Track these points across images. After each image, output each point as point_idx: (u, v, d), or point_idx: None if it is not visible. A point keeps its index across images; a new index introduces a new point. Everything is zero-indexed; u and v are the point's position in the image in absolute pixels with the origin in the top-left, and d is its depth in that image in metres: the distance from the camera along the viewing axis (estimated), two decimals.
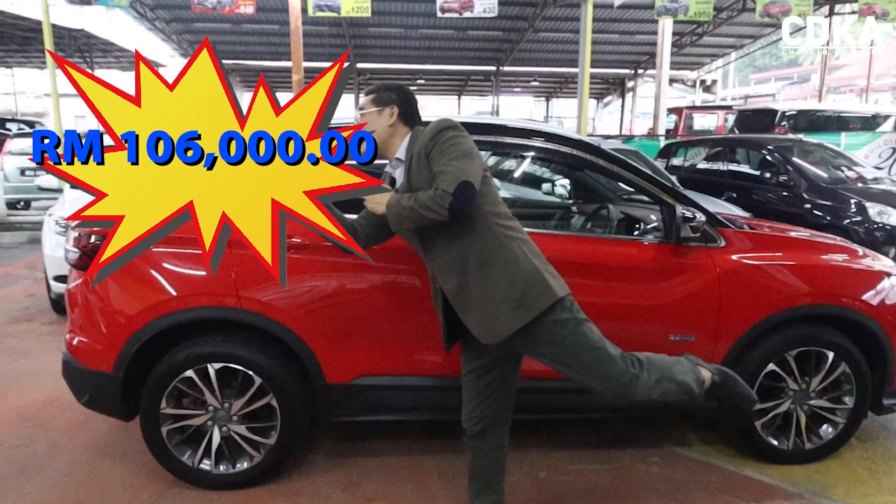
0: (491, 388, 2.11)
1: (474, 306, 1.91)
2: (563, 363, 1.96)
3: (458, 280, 1.91)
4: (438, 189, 1.79)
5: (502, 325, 1.89)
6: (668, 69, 13.48)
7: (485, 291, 1.89)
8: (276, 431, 2.52)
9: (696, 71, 24.55)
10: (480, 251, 1.90)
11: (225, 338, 2.48)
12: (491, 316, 1.90)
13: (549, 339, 1.93)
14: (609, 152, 2.70)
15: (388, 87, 2.04)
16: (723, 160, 7.63)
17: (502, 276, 1.89)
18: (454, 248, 1.91)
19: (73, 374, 2.55)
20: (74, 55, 18.50)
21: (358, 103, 2.06)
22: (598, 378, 1.96)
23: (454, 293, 1.94)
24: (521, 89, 29.93)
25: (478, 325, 1.92)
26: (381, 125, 1.99)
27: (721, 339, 2.59)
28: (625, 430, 3.05)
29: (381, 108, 2.01)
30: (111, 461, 2.80)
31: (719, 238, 2.62)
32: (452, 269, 1.92)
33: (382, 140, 1.98)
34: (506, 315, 1.88)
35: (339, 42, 19.94)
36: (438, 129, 1.90)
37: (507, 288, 1.88)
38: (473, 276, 1.90)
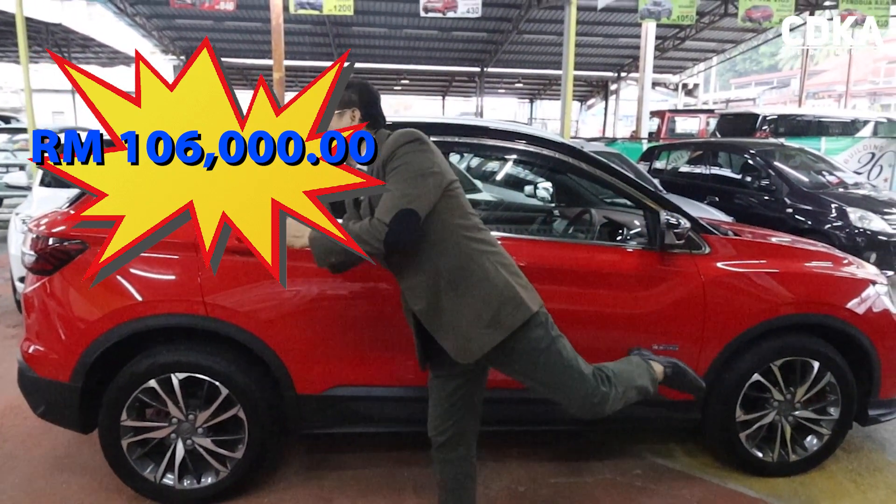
0: (457, 395, 2.01)
1: (448, 327, 1.82)
2: (535, 380, 1.88)
3: (428, 301, 1.81)
4: (374, 218, 1.71)
5: (477, 345, 1.80)
6: (650, 72, 13.54)
7: (457, 311, 1.79)
8: (244, 444, 2.40)
9: (679, 75, 24.75)
10: (451, 270, 1.79)
11: (190, 346, 2.36)
12: (465, 336, 1.80)
13: (523, 356, 1.85)
14: (592, 156, 2.63)
15: (349, 86, 1.86)
16: (705, 164, 7.64)
17: (475, 294, 1.79)
18: (423, 269, 1.80)
19: (28, 384, 2.42)
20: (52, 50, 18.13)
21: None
22: (569, 396, 1.89)
23: (426, 314, 1.84)
24: (506, 91, 29.95)
25: (452, 345, 1.83)
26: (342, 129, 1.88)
27: (705, 349, 2.52)
28: (606, 441, 2.98)
29: (341, 111, 1.86)
30: (70, 475, 2.66)
31: (704, 245, 2.56)
32: (423, 291, 1.81)
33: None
34: (480, 334, 1.79)
35: (322, 41, 19.79)
36: (397, 143, 1.77)
37: (480, 306, 1.79)
38: (445, 295, 1.79)
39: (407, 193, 1.70)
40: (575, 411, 1.92)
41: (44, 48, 16.77)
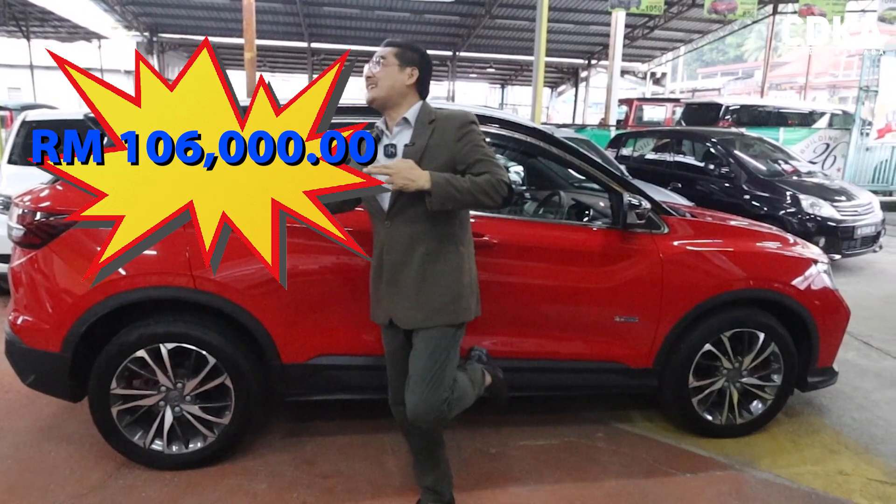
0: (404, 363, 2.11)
1: (409, 288, 1.95)
2: (423, 367, 1.97)
3: (406, 256, 1.94)
4: (497, 177, 1.83)
5: (423, 317, 1.96)
6: (619, 61, 13.77)
7: (425, 280, 1.94)
8: (231, 411, 2.52)
9: (647, 63, 25.16)
10: (438, 243, 1.95)
11: (178, 317, 2.46)
12: (418, 304, 1.95)
13: (437, 346, 1.97)
14: (562, 140, 2.79)
15: (414, 48, 1.98)
16: (670, 151, 7.90)
17: (445, 276, 1.97)
18: (419, 226, 1.92)
19: (16, 355, 2.49)
20: (9, 23, 17.49)
21: (377, 53, 1.95)
22: (431, 395, 1.96)
23: (397, 266, 1.96)
24: (477, 75, 29.98)
25: (401, 306, 1.97)
26: (398, 81, 1.93)
27: (663, 321, 2.73)
28: (571, 406, 3.18)
29: (403, 65, 1.93)
30: (57, 443, 2.74)
31: (663, 225, 2.76)
32: (408, 244, 1.94)
33: (391, 97, 1.93)
34: (431, 310, 1.95)
35: (292, 20, 19.53)
36: (469, 119, 1.93)
37: (444, 288, 1.96)
38: (422, 260, 1.94)
39: (498, 162, 1.89)
40: (422, 413, 1.97)
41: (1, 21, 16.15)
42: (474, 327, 2.60)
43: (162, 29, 21.65)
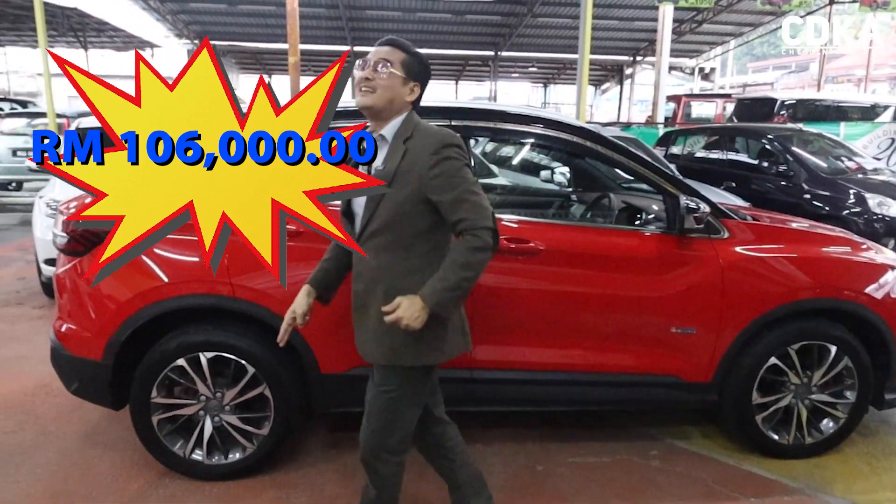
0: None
1: (371, 321, 1.78)
2: (375, 405, 1.85)
3: (370, 288, 1.77)
4: (477, 227, 1.63)
5: (383, 354, 1.78)
6: (667, 56, 13.38)
7: (378, 311, 1.74)
8: (270, 422, 2.47)
9: (695, 59, 24.44)
10: (403, 279, 1.75)
11: (217, 326, 2.42)
12: (378, 339, 1.77)
13: (389, 382, 1.81)
14: (610, 140, 2.64)
15: (422, 61, 1.80)
16: (722, 149, 7.58)
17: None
18: (384, 258, 1.75)
19: (61, 362, 2.49)
20: (68, 34, 18.26)
21: (378, 51, 1.75)
22: (373, 436, 1.86)
23: (362, 296, 1.80)
24: (519, 75, 29.75)
25: (365, 338, 1.82)
26: (399, 96, 1.74)
27: (723, 333, 2.55)
28: (622, 422, 3.02)
29: (407, 79, 1.75)
30: (101, 450, 2.75)
31: (723, 229, 2.57)
32: (372, 276, 1.77)
33: (386, 110, 1.73)
34: (390, 348, 1.76)
35: (335, 24, 19.75)
36: (447, 142, 1.70)
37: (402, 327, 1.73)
38: (385, 296, 1.73)
39: (481, 194, 1.69)
40: (365, 452, 1.89)
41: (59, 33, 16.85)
42: (522, 339, 2.49)
43: (211, 36, 22.20)
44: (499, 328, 2.47)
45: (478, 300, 2.40)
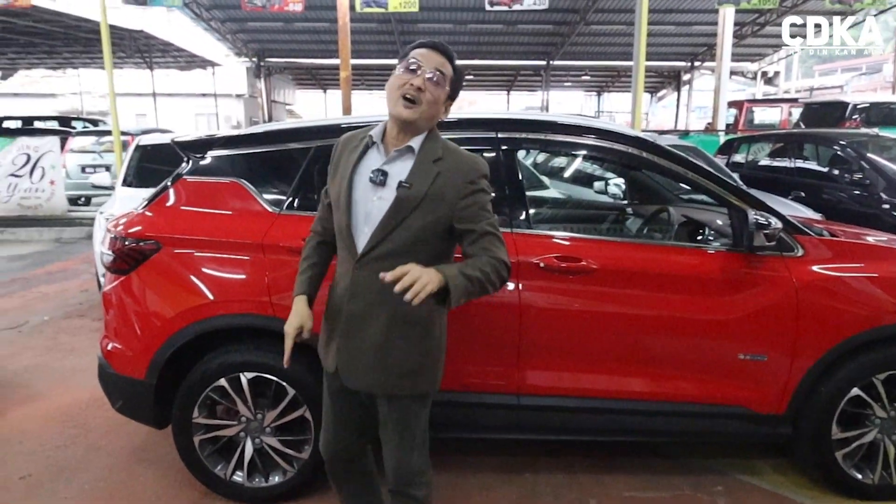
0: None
1: (369, 347, 1.63)
2: (398, 435, 1.72)
3: (371, 311, 1.61)
4: (499, 258, 1.52)
5: (384, 383, 1.65)
6: (728, 61, 12.87)
7: (388, 342, 1.62)
8: (310, 446, 2.40)
9: (757, 62, 23.50)
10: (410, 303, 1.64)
11: (258, 346, 2.37)
12: (378, 367, 1.63)
13: (403, 411, 1.70)
14: (669, 150, 2.47)
15: (462, 79, 1.64)
16: (789, 156, 7.15)
17: (411, 341, 1.64)
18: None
19: (107, 380, 2.50)
20: (135, 55, 19.12)
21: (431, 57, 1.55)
22: (410, 460, 1.73)
23: (359, 319, 1.63)
24: (572, 83, 29.36)
25: (359, 365, 1.65)
26: (438, 112, 1.60)
27: (798, 360, 2.32)
28: (683, 453, 2.81)
29: (448, 97, 1.62)
30: (146, 467, 2.74)
31: (797, 246, 2.35)
32: (376, 299, 1.59)
33: (423, 124, 1.58)
34: (393, 376, 1.64)
35: (387, 39, 19.98)
36: (483, 172, 1.60)
37: (408, 354, 1.63)
38: (389, 320, 1.61)
39: (500, 232, 1.59)
40: (404, 480, 1.74)
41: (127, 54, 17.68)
42: (573, 364, 2.34)
43: (268, 54, 22.90)
44: (548, 352, 2.33)
45: (526, 322, 2.26)
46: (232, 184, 2.44)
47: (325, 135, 2.46)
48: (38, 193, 9.14)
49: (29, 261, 7.28)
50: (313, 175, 2.42)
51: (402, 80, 1.54)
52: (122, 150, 8.13)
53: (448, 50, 1.60)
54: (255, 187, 2.43)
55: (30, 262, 7.23)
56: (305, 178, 2.42)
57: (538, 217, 3.36)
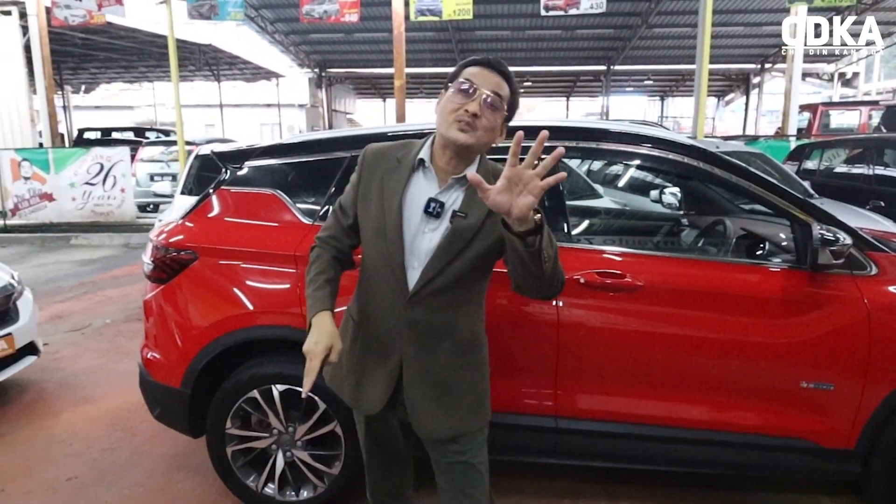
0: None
1: (431, 389, 1.50)
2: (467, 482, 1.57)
3: (429, 349, 1.48)
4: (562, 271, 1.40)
5: (451, 425, 1.51)
6: (800, 62, 12.20)
7: (451, 379, 1.51)
8: (341, 461, 2.35)
9: (834, 63, 22.22)
10: (468, 331, 1.52)
11: (290, 358, 2.34)
12: (444, 410, 1.50)
13: (470, 453, 1.56)
14: (726, 159, 2.29)
15: (518, 98, 1.49)
16: (867, 163, 6.67)
17: (473, 371, 1.54)
18: (451, 313, 1.48)
19: (146, 387, 2.53)
20: (203, 68, 19.99)
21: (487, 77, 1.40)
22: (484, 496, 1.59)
23: (416, 363, 1.49)
24: (634, 88, 28.66)
25: (421, 411, 1.51)
26: (494, 139, 1.44)
27: (870, 389, 2.09)
28: (739, 485, 2.59)
29: (504, 121, 1.46)
30: (185, 474, 2.77)
31: (869, 264, 2.12)
32: (434, 336, 1.48)
33: (478, 150, 1.44)
34: (458, 416, 1.51)
35: (445, 47, 20.05)
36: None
37: (471, 385, 1.53)
38: (449, 355, 1.49)
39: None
40: None
41: (197, 67, 18.48)
42: (616, 387, 2.19)
43: (329, 64, 23.44)
44: (589, 374, 2.19)
45: (564, 341, 2.14)
46: (267, 194, 2.43)
47: (359, 144, 2.40)
48: (110, 201, 9.63)
49: (98, 265, 7.64)
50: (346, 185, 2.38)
51: (456, 104, 1.39)
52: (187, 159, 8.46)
53: (505, 68, 1.44)
54: (289, 197, 2.41)
55: (98, 266, 7.59)
56: (339, 189, 2.38)
57: (582, 229, 3.21)
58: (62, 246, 9.03)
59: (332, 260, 1.60)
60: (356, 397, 1.60)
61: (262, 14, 17.39)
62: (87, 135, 17.23)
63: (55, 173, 9.62)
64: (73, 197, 9.68)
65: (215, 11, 9.90)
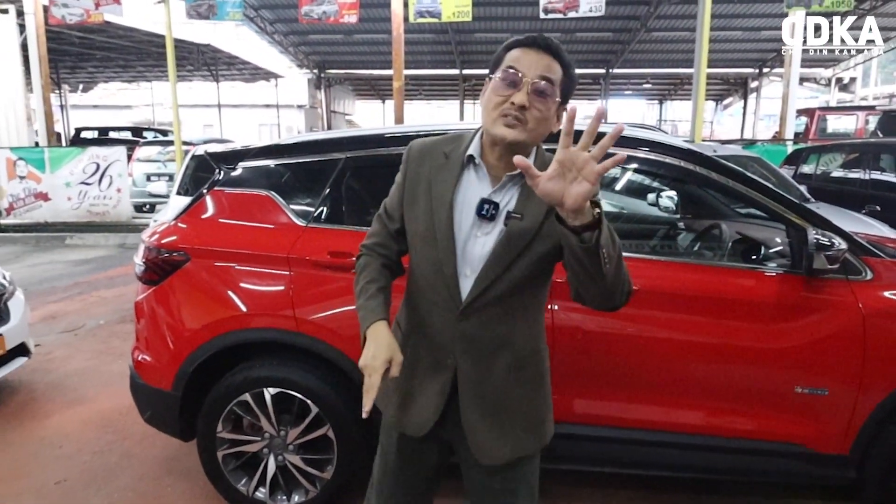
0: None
1: (488, 408, 1.35)
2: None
3: (485, 364, 1.33)
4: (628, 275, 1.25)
5: (510, 449, 1.36)
6: (798, 67, 12.21)
7: (509, 397, 1.36)
8: (333, 466, 2.33)
9: (832, 68, 22.29)
10: (526, 344, 1.37)
11: (282, 361, 2.32)
12: (501, 432, 1.35)
13: (524, 479, 1.42)
14: (722, 163, 2.27)
15: (574, 78, 1.31)
16: (863, 167, 6.68)
17: (532, 389, 1.39)
18: (509, 325, 1.33)
19: (136, 390, 2.51)
20: (202, 68, 19.97)
21: (534, 59, 1.24)
22: None
23: (471, 379, 1.34)
24: (632, 92, 28.69)
25: (477, 432, 1.35)
26: (549, 127, 1.27)
27: (865, 395, 2.08)
28: (734, 490, 2.58)
29: (561, 103, 1.28)
30: (176, 477, 2.74)
31: (864, 269, 2.11)
32: (489, 351, 1.33)
33: (532, 145, 1.29)
34: (516, 438, 1.36)
35: (445, 49, 20.08)
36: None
37: (530, 404, 1.39)
38: (507, 371, 1.35)
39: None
40: None
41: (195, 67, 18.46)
42: (605, 392, 2.18)
43: (329, 65, 23.43)
44: (583, 376, 2.18)
45: (557, 345, 2.12)
46: (261, 195, 2.41)
47: (354, 146, 2.40)
48: (106, 200, 9.59)
49: (93, 265, 7.61)
50: (341, 187, 2.37)
51: (501, 97, 1.23)
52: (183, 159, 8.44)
53: (554, 45, 1.25)
54: (283, 199, 2.39)
55: (93, 266, 7.56)
56: (334, 191, 2.37)
57: None
58: (57, 246, 9.00)
59: (382, 268, 1.43)
60: (402, 416, 1.42)
61: (261, 14, 17.38)
62: (84, 134, 17.19)
63: (51, 172, 9.59)
64: (69, 196, 9.64)
65: (213, 11, 9.88)
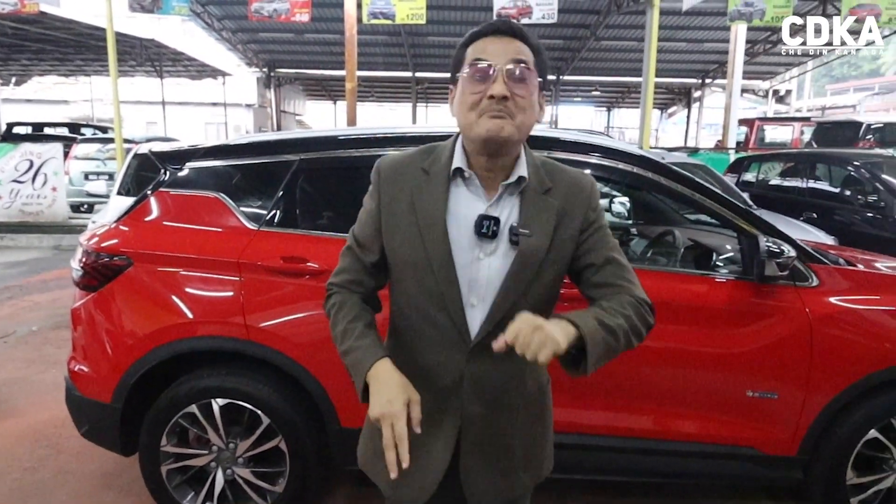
0: None
1: (497, 450, 1.23)
2: None
3: (498, 403, 1.20)
4: (637, 297, 1.14)
5: (508, 489, 1.25)
6: (739, 78, 12.72)
7: (523, 435, 1.25)
8: (285, 478, 2.24)
9: (769, 81, 23.33)
10: (538, 378, 1.26)
11: (231, 371, 2.22)
12: (505, 471, 1.24)
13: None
14: (675, 170, 2.31)
15: (545, 59, 1.16)
16: (801, 176, 6.99)
17: (543, 422, 1.30)
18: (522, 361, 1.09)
19: (73, 402, 2.36)
20: (145, 63, 19.23)
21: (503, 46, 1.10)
22: None
23: (483, 422, 1.20)
24: (582, 99, 29.28)
25: (486, 476, 1.23)
26: (534, 117, 1.13)
27: (811, 398, 2.15)
28: (689, 495, 2.63)
29: (540, 87, 1.14)
30: (116, 494, 2.60)
31: (811, 276, 2.19)
32: (502, 389, 1.20)
33: (519, 142, 1.13)
34: (518, 477, 1.26)
35: (397, 51, 19.99)
36: (596, 189, 1.20)
37: (539, 438, 1.29)
38: (523, 405, 1.24)
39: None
40: None
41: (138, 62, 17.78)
42: (567, 400, 2.17)
43: (279, 64, 22.96)
44: None
45: None
46: (210, 197, 2.31)
47: (308, 146, 2.33)
48: (40, 200, 9.09)
49: (25, 268, 7.19)
50: (295, 190, 2.29)
51: (476, 94, 1.09)
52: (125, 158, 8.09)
53: (518, 28, 1.12)
54: (233, 201, 2.29)
55: (26, 269, 7.14)
56: (287, 193, 2.29)
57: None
58: None
59: (363, 303, 1.24)
60: (398, 485, 1.21)
61: (208, 10, 16.89)
62: (17, 129, 16.27)
63: None
64: (0, 195, 9.10)
65: (158, 5, 9.53)
